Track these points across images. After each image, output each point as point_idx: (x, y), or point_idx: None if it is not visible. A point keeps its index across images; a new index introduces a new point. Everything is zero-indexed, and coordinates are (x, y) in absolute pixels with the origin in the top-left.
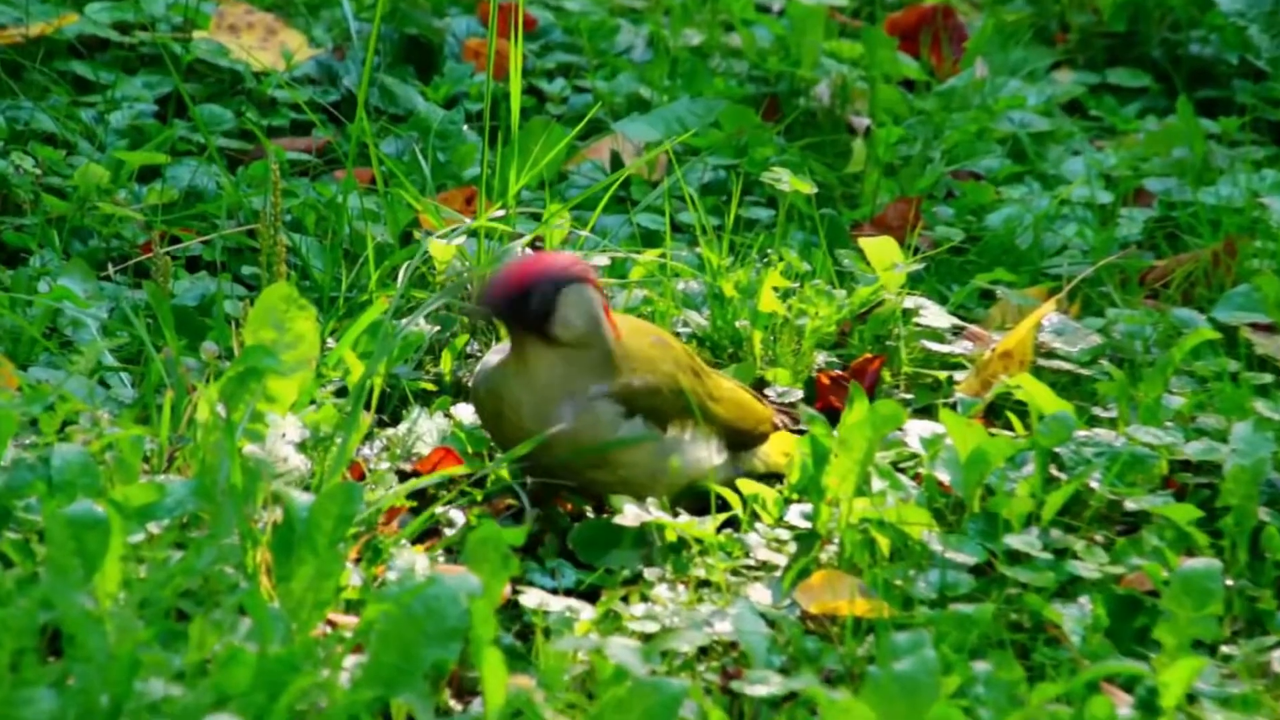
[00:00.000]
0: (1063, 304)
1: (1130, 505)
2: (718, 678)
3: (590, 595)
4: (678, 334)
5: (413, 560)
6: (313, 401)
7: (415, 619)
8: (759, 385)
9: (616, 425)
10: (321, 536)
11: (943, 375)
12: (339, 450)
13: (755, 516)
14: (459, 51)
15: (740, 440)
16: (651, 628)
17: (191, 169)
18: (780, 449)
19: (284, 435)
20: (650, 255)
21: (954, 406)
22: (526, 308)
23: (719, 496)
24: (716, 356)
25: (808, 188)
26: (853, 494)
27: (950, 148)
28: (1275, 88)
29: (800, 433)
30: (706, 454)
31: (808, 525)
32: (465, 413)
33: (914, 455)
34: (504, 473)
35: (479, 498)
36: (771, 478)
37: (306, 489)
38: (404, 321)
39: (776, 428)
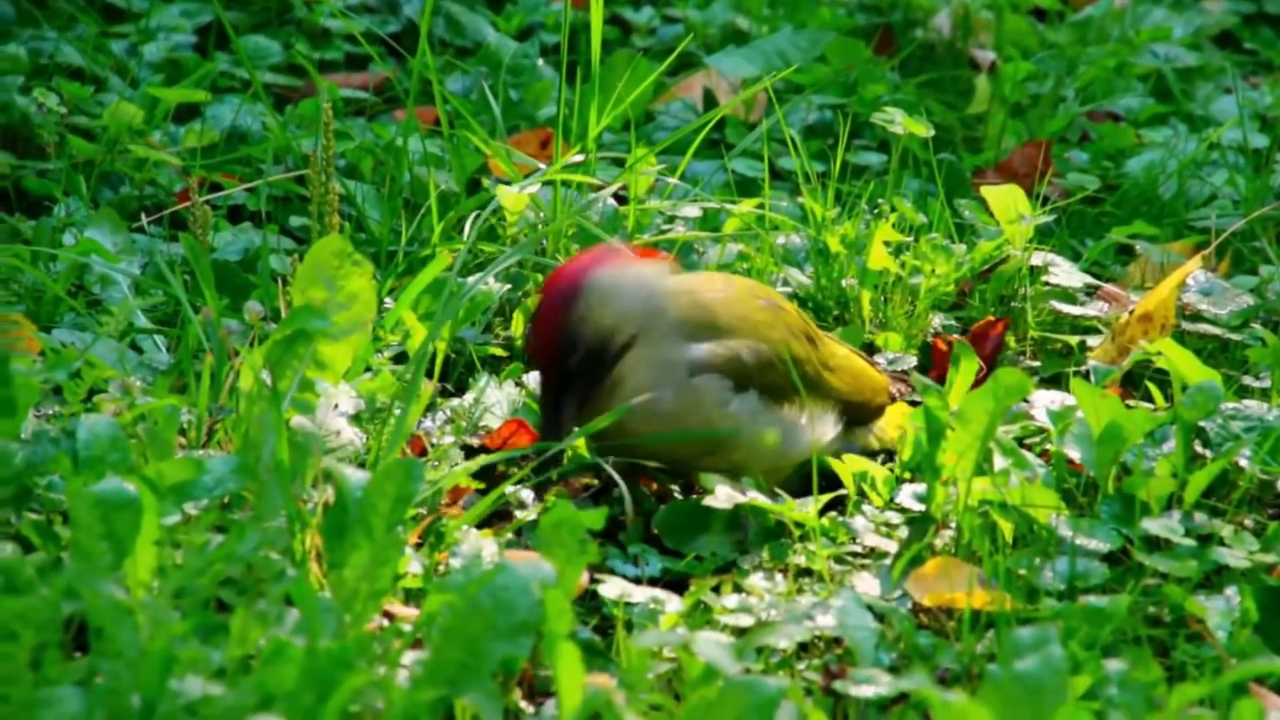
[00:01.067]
0: (1210, 261)
1: None
2: (819, 677)
3: (678, 585)
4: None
5: (479, 545)
6: (368, 368)
7: (482, 611)
8: (868, 350)
9: (727, 400)
10: (378, 519)
11: (1074, 340)
12: (397, 423)
13: (863, 498)
14: None
15: (856, 415)
16: (746, 621)
17: (234, 108)
18: (896, 423)
19: (336, 406)
20: (747, 205)
21: (1086, 375)
22: (579, 370)
23: (825, 475)
24: (821, 319)
25: (924, 130)
26: (971, 473)
27: (1085, 85)
28: None
29: (916, 404)
30: (821, 433)
31: (921, 508)
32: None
33: (1041, 430)
34: (582, 448)
35: (554, 476)
36: (886, 457)
37: (361, 466)
38: (471, 279)
39: (893, 398)
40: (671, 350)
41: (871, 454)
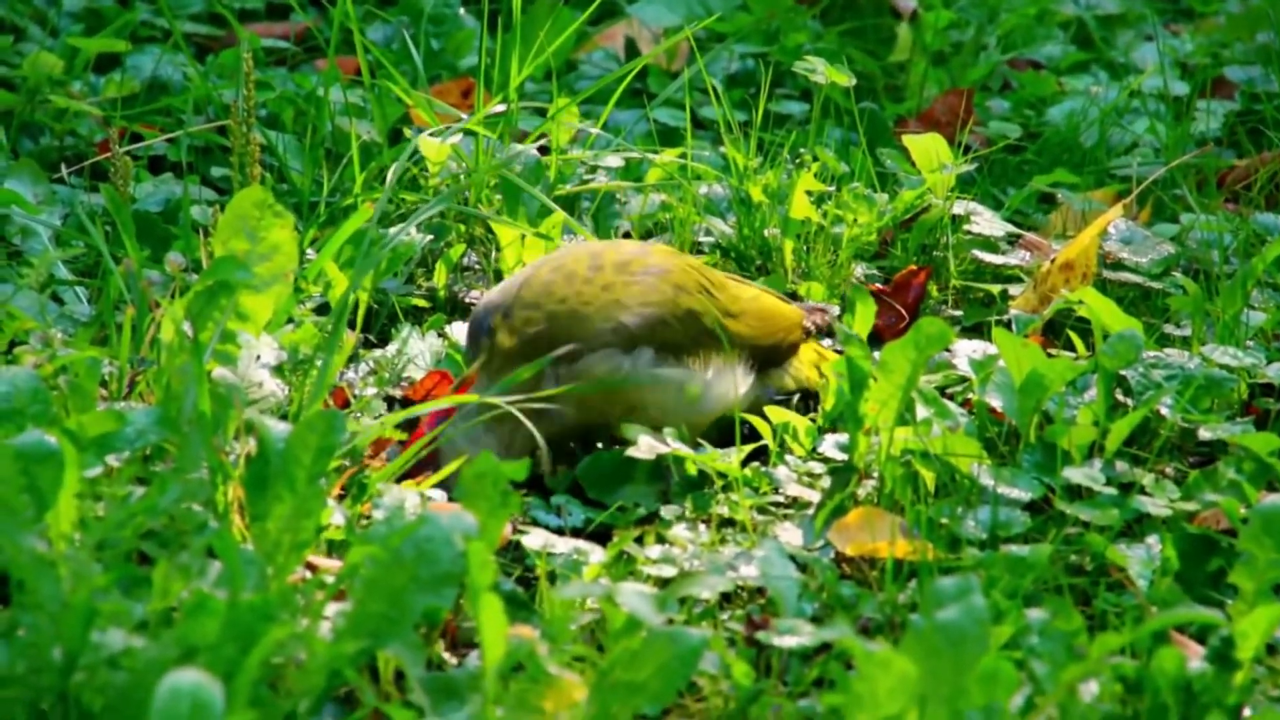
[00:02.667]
0: (1131, 209)
1: (1205, 434)
2: (742, 627)
3: (600, 536)
4: (698, 244)
5: (402, 497)
6: (290, 320)
7: (404, 563)
8: (791, 299)
9: (617, 367)
10: (300, 470)
11: (996, 289)
12: (320, 374)
13: (785, 448)
14: None
15: (769, 358)
16: (669, 572)
17: (154, 58)
18: (812, 359)
19: (258, 357)
20: (669, 155)
21: (1008, 324)
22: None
23: (746, 424)
24: (743, 269)
25: (846, 79)
26: (894, 422)
27: (1006, 33)
28: None
29: (832, 338)
30: (733, 383)
31: (843, 457)
32: (461, 332)
33: (963, 379)
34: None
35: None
36: (804, 399)
37: (284, 418)
38: (393, 230)
39: (808, 332)
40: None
41: (788, 394)
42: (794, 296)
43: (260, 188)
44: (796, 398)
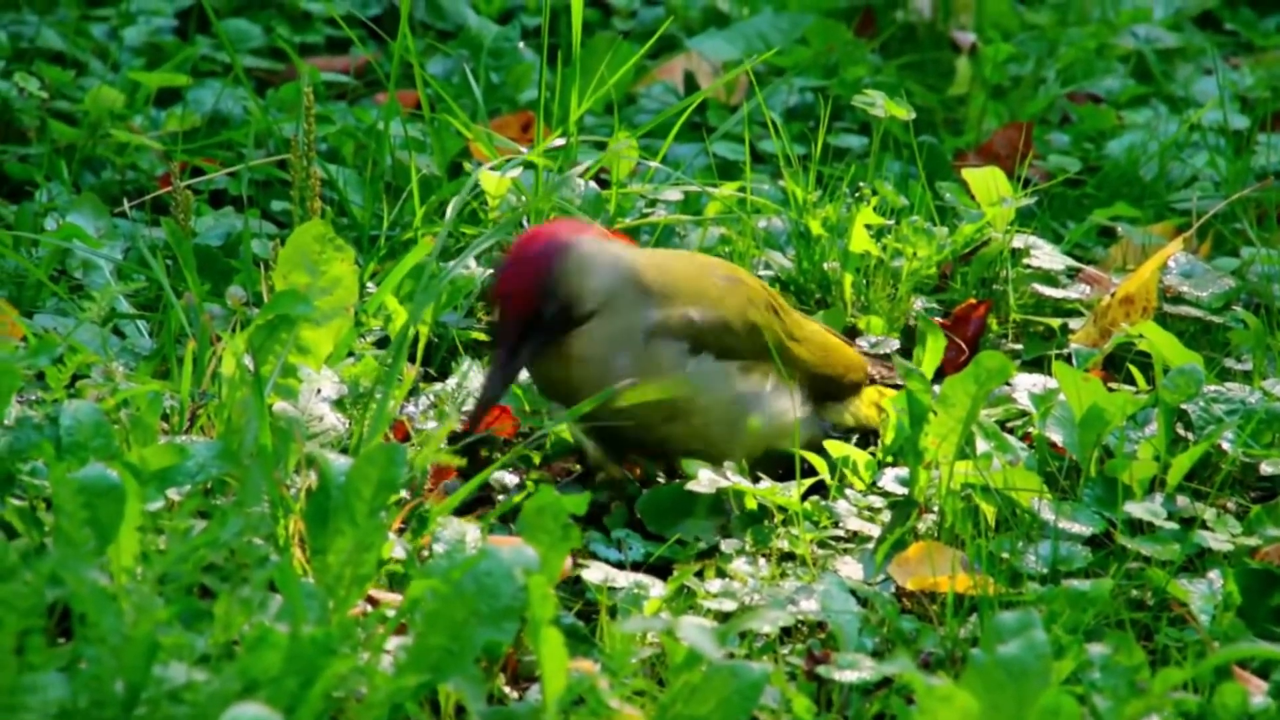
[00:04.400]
0: (1191, 243)
1: (1267, 469)
2: (803, 661)
3: (661, 570)
4: (758, 277)
5: (463, 531)
6: (351, 353)
7: (465, 596)
8: (850, 334)
9: (682, 363)
10: (361, 504)
11: (1056, 323)
12: (380, 408)
13: (845, 482)
14: None
15: (827, 390)
16: (729, 606)
17: (215, 92)
18: (872, 400)
19: (319, 391)
20: (728, 189)
21: (1068, 358)
22: (546, 322)
23: (804, 460)
24: (802, 302)
25: (905, 112)
26: (954, 457)
27: (1066, 67)
28: None
29: (897, 387)
30: (789, 406)
31: (904, 492)
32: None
33: (1023, 413)
34: (564, 432)
35: (537, 460)
36: (864, 436)
37: (344, 451)
38: (452, 263)
39: (872, 379)
40: (630, 318)
41: (846, 431)
42: (853, 330)
43: (320, 221)
44: (856, 436)
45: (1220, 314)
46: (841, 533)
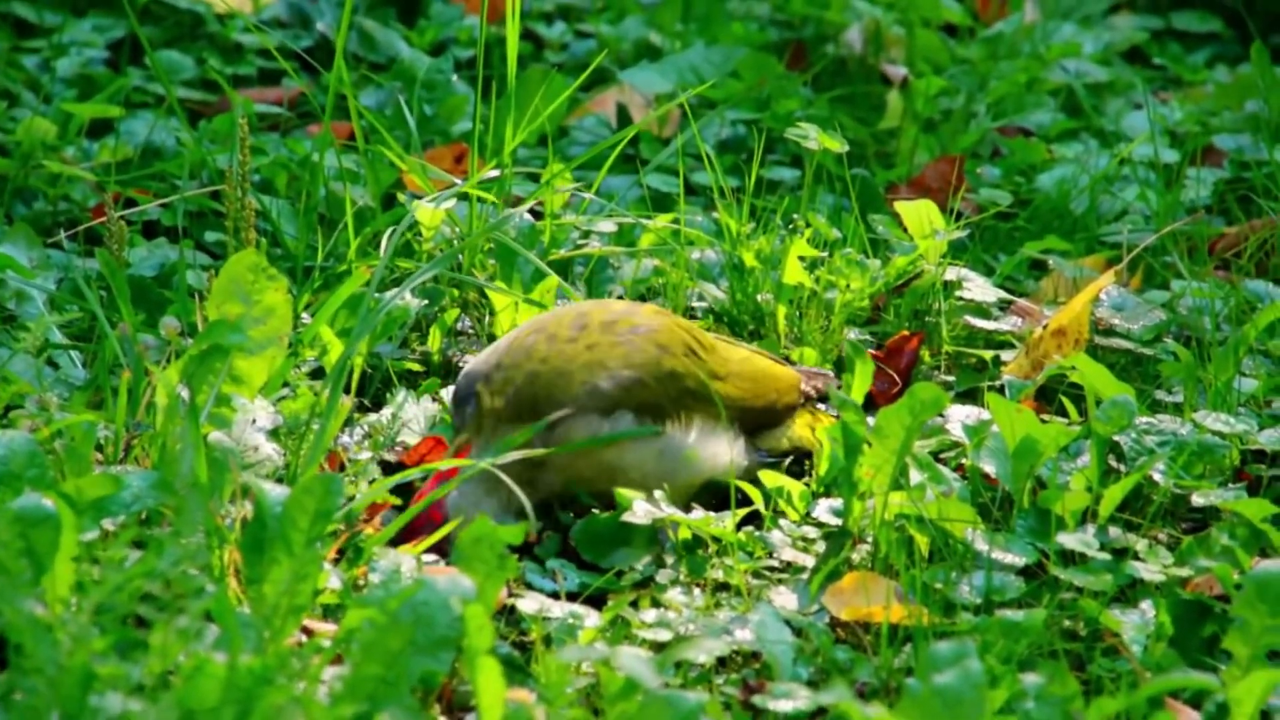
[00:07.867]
0: (1122, 276)
1: (1197, 500)
2: (738, 691)
3: (596, 600)
4: (691, 310)
5: (398, 561)
6: (285, 384)
7: (401, 626)
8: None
9: (596, 430)
10: (297, 534)
11: (988, 355)
12: (315, 438)
13: (779, 512)
14: None
15: (760, 421)
16: (664, 636)
17: (148, 123)
18: (807, 421)
19: (254, 421)
20: (662, 220)
21: (1001, 390)
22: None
23: (739, 489)
24: (736, 334)
25: (837, 145)
26: (888, 487)
27: (997, 101)
28: None
29: (824, 400)
30: (722, 446)
31: (838, 522)
32: None
33: (956, 444)
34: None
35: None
36: (798, 459)
37: (280, 481)
38: (387, 295)
39: (807, 397)
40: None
41: (783, 455)
42: (787, 362)
43: (254, 252)
44: (790, 459)
45: (1151, 346)
46: (776, 563)
